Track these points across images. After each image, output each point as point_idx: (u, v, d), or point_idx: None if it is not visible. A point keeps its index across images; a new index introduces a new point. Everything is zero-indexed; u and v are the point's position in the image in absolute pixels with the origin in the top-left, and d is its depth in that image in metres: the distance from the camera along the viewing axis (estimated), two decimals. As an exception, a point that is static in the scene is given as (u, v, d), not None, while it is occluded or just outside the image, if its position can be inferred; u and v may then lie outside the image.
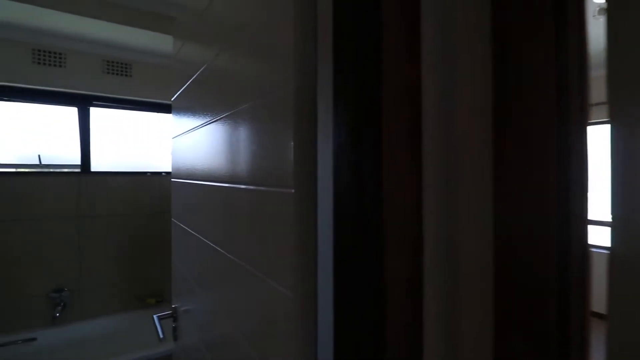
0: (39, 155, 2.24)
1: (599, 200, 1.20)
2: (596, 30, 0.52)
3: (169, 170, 2.60)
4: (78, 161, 2.29)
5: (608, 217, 0.31)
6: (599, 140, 1.00)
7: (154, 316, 1.03)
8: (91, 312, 2.20)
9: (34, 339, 2.00)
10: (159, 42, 2.15)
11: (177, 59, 1.16)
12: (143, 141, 2.56)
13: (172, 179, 1.12)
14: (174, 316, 1.07)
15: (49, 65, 2.10)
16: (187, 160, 0.99)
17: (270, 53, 0.50)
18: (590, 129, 0.38)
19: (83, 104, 2.27)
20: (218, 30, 0.74)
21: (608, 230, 0.30)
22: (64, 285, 2.13)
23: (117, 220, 2.28)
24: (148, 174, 2.45)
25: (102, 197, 2.24)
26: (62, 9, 1.75)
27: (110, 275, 2.26)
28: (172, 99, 1.14)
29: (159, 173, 2.50)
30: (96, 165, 2.33)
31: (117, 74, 2.29)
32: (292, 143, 0.44)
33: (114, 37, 2.10)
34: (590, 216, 0.38)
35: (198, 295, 0.87)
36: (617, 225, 0.30)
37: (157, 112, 2.54)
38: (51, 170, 2.24)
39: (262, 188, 0.52)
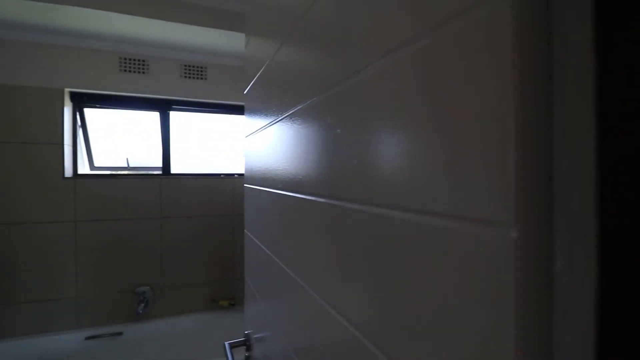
0: (127, 159, 2.38)
1: None
2: None
3: (242, 172, 2.58)
4: (159, 164, 2.38)
5: None
6: None
7: (225, 344, 0.89)
8: (170, 310, 2.26)
9: (120, 333, 2.11)
10: (231, 41, 2.11)
11: (250, 50, 1.01)
12: (217, 143, 2.57)
13: (245, 185, 0.97)
14: (247, 344, 0.92)
15: (134, 72, 2.19)
16: (264, 163, 0.82)
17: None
18: None
19: (164, 108, 2.35)
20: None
21: None
22: (147, 283, 2.21)
23: (194, 221, 2.31)
24: (221, 175, 2.45)
25: (180, 198, 2.28)
26: (146, 14, 1.79)
27: (187, 275, 2.30)
28: (246, 91, 1.00)
29: (232, 175, 2.49)
30: (175, 167, 2.40)
31: (193, 78, 2.32)
32: (512, 136, 0.21)
33: (190, 40, 2.11)
34: None
35: (277, 334, 0.69)
36: None
37: (230, 113, 2.53)
38: (137, 172, 2.36)
39: (428, 219, 0.29)
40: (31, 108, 2.00)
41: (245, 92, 1.03)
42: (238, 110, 2.52)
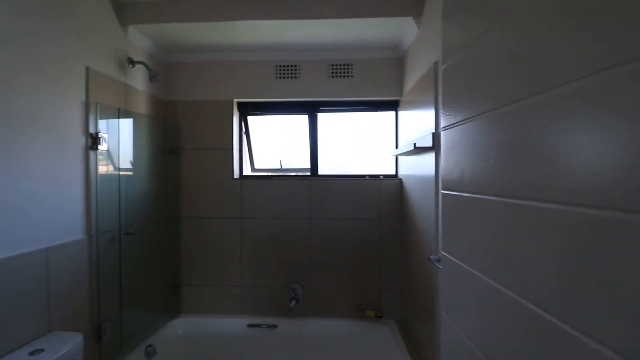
0: (280, 161, 2.52)
1: None
2: None
3: (388, 173, 2.39)
4: (306, 165, 2.43)
5: None
6: None
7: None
8: (318, 311, 2.26)
9: (275, 326, 2.22)
10: (380, 31, 1.94)
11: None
12: (362, 143, 2.46)
13: (444, 191, 0.74)
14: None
15: (287, 78, 2.29)
16: (482, 163, 0.57)
17: None
18: None
19: (312, 110, 2.38)
20: None
21: None
22: (298, 280, 2.27)
23: (339, 223, 2.25)
24: (366, 177, 2.32)
25: (327, 200, 2.26)
26: (302, 16, 1.80)
27: (334, 278, 2.26)
28: (444, 66, 0.77)
29: (377, 176, 2.32)
30: (323, 168, 2.41)
31: (341, 77, 2.26)
32: None
33: (338, 37, 2.05)
34: None
35: None
36: None
37: (376, 110, 2.38)
38: (289, 174, 2.47)
39: None
40: (209, 119, 2.32)
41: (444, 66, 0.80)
42: (384, 106, 2.34)
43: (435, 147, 1.47)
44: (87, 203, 1.59)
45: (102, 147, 1.65)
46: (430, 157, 1.53)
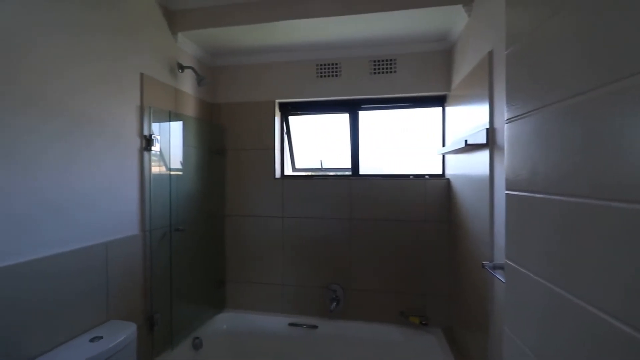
0: (320, 160, 2.50)
1: None
2: None
3: (434, 172, 2.27)
4: (349, 165, 2.38)
5: None
6: None
7: None
8: (359, 314, 2.21)
9: (315, 327, 2.20)
10: (426, 21, 1.84)
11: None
12: (406, 142, 2.36)
13: (509, 191, 0.65)
14: None
15: (328, 76, 2.26)
16: (561, 159, 0.49)
17: None
18: None
19: (353, 108, 2.33)
20: None
21: None
22: (338, 281, 2.24)
23: (381, 225, 2.17)
24: (410, 177, 2.22)
25: (368, 200, 2.20)
26: (347, 12, 1.77)
27: (375, 281, 2.19)
28: (506, 54, 0.68)
29: (422, 176, 2.21)
30: (364, 168, 2.35)
31: (383, 73, 2.18)
32: None
33: (380, 32, 1.98)
34: None
35: None
36: None
37: (420, 106, 2.27)
38: (329, 174, 2.45)
39: None
40: (251, 120, 2.36)
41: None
42: (430, 102, 2.22)
43: (489, 143, 1.35)
44: (142, 201, 1.69)
45: (155, 148, 1.75)
46: (484, 155, 1.41)
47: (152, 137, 1.73)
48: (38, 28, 1.18)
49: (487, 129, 1.35)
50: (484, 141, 1.35)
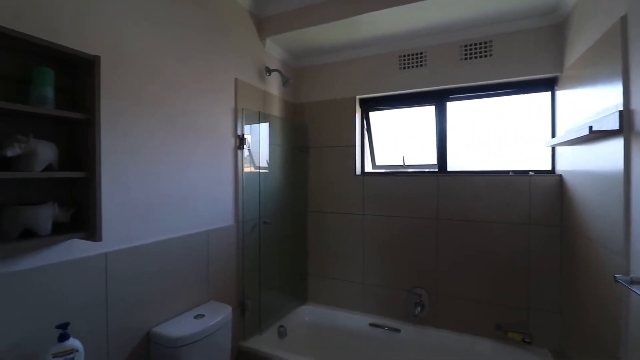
0: (402, 157, 2.39)
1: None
2: None
3: (541, 168, 1.95)
4: (433, 161, 2.22)
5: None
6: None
7: None
8: (447, 322, 2.04)
9: (398, 330, 2.11)
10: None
11: None
12: (503, 133, 2.09)
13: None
14: None
15: (412, 67, 2.14)
16: None
17: None
18: None
19: (440, 100, 2.16)
20: None
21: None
22: (423, 285, 2.10)
23: (474, 226, 1.96)
24: (510, 173, 1.95)
25: (458, 199, 2.01)
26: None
27: (467, 288, 1.99)
28: None
29: (526, 172, 1.93)
30: (452, 164, 2.16)
31: (476, 57, 1.97)
32: None
33: (471, 12, 1.78)
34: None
35: None
36: None
37: (522, 92, 1.98)
38: (412, 170, 2.32)
39: None
40: (332, 118, 2.38)
41: None
42: (535, 86, 1.92)
43: (623, 129, 1.09)
44: (236, 195, 1.84)
45: (246, 146, 1.90)
46: (615, 144, 1.15)
47: (244, 137, 1.88)
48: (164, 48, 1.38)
49: (620, 112, 1.09)
50: (616, 127, 1.10)
